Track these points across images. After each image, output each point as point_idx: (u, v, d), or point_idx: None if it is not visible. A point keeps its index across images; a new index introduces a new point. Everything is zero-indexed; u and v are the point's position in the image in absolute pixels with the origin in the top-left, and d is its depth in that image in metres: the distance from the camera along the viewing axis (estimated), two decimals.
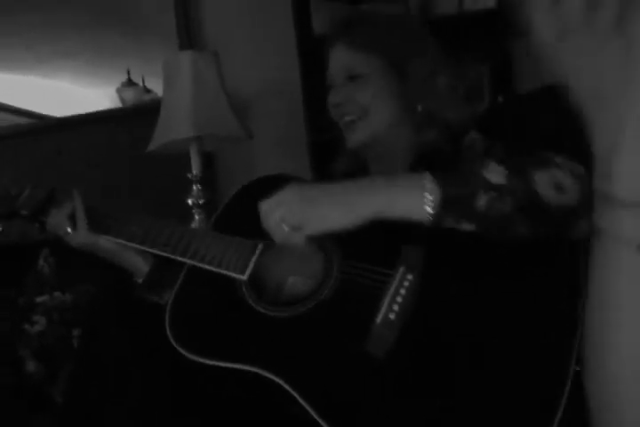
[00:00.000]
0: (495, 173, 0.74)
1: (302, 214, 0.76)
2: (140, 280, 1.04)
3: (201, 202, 1.68)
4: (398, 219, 0.75)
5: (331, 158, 1.17)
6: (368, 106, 0.99)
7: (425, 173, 0.75)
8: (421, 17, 1.86)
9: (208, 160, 1.91)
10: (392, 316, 0.79)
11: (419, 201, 0.73)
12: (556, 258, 0.79)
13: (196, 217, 1.68)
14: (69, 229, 1.01)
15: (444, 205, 0.73)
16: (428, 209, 0.73)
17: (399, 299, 0.80)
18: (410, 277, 0.81)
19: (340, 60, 1.02)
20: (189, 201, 1.68)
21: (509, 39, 1.89)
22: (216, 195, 1.83)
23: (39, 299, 1.55)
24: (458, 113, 1.01)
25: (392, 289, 0.81)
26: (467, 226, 0.75)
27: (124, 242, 0.99)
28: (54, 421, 1.14)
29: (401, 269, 0.82)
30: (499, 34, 1.86)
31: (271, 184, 0.97)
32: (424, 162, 0.99)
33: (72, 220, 1.01)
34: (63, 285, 1.62)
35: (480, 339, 0.76)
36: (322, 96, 1.11)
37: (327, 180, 1.16)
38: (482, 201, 0.73)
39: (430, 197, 0.73)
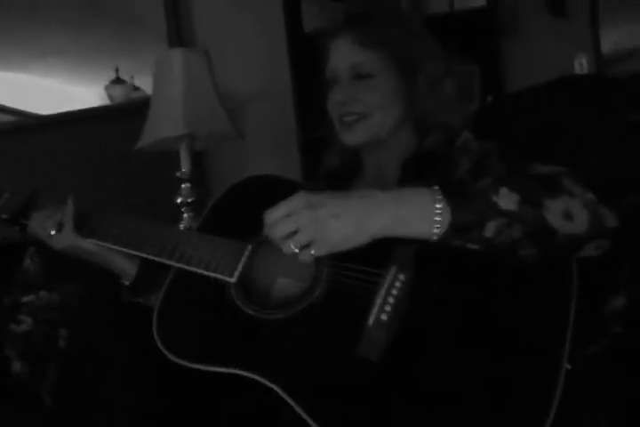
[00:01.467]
0: (507, 200, 0.73)
1: (312, 235, 0.73)
2: (127, 283, 1.02)
3: (189, 201, 1.66)
4: (404, 237, 0.75)
5: (321, 155, 1.15)
6: (374, 108, 0.95)
7: (437, 193, 0.73)
8: (418, 14, 1.86)
9: (198, 159, 1.90)
10: (384, 317, 0.78)
11: (428, 223, 0.73)
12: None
13: (185, 216, 1.66)
14: (53, 232, 0.99)
15: (453, 229, 0.73)
16: (436, 231, 0.73)
17: (391, 299, 0.79)
18: (402, 276, 0.80)
19: (347, 55, 0.97)
20: (178, 200, 1.67)
21: (498, 38, 1.90)
22: (205, 194, 1.82)
23: (25, 298, 1.52)
24: (457, 116, 0.99)
25: (384, 289, 0.79)
26: (473, 247, 0.75)
27: (109, 245, 0.97)
28: (43, 421, 1.13)
29: (392, 269, 0.80)
30: (488, 33, 1.87)
31: (260, 185, 0.96)
32: (417, 162, 0.98)
33: (56, 222, 0.99)
34: (50, 284, 1.60)
35: (474, 338, 0.76)
36: (312, 95, 1.09)
37: (318, 176, 1.15)
38: (491, 227, 0.73)
39: (440, 220, 0.73)
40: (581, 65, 1.85)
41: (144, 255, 0.94)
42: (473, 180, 0.89)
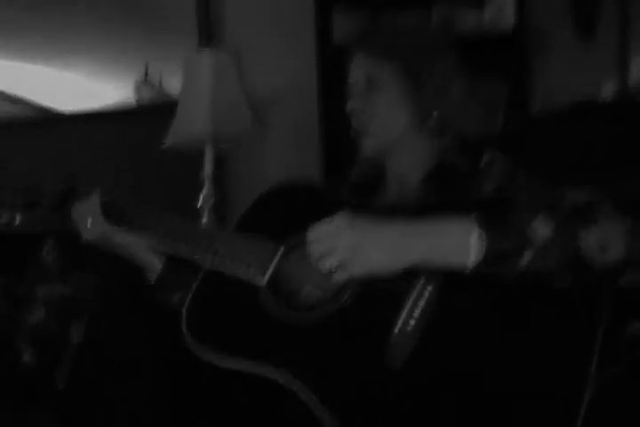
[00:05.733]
0: (542, 230, 0.74)
1: (348, 257, 0.77)
2: (152, 279, 1.03)
3: (211, 201, 1.67)
4: (440, 267, 0.77)
5: (343, 166, 1.17)
6: (379, 114, 1.01)
7: (473, 223, 0.75)
8: (442, 30, 1.88)
9: (218, 162, 1.91)
10: (410, 326, 0.79)
11: (464, 255, 0.75)
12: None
13: (205, 216, 1.68)
14: (88, 222, 1.00)
15: (489, 259, 0.75)
16: (472, 261, 0.75)
17: (418, 310, 0.80)
18: (429, 288, 0.81)
19: (359, 68, 1.04)
20: (199, 200, 1.68)
21: (527, 59, 1.92)
22: (225, 196, 1.83)
23: (39, 289, 1.54)
24: (472, 123, 1.03)
25: (411, 300, 0.80)
26: (508, 275, 0.76)
27: (146, 237, 0.99)
28: (54, 411, 1.14)
29: (421, 281, 0.81)
30: (516, 53, 1.89)
31: (295, 192, 0.98)
32: (439, 175, 1.00)
33: (89, 213, 1.01)
34: (64, 276, 1.61)
35: (495, 355, 0.76)
36: (337, 104, 1.12)
37: (342, 186, 1.17)
38: (526, 257, 0.74)
39: (475, 251, 0.74)
40: (607, 91, 1.85)
41: (179, 250, 0.96)
42: (498, 200, 0.90)
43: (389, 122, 1.01)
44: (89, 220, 1.00)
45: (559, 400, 0.73)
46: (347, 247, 0.76)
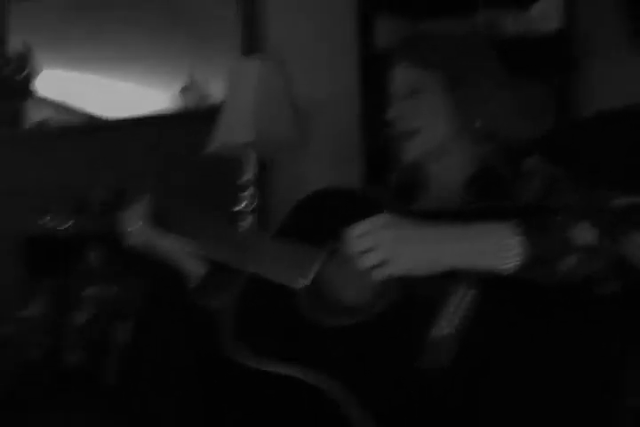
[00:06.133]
0: (585, 234, 0.74)
1: (389, 254, 0.77)
2: (194, 284, 1.05)
3: (251, 208, 1.69)
4: (479, 270, 0.77)
5: (384, 173, 1.17)
6: (420, 123, 1.02)
7: (515, 228, 0.74)
8: (485, 36, 1.87)
9: (260, 167, 1.92)
10: (451, 329, 0.79)
11: (503, 260, 0.74)
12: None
13: (246, 221, 1.69)
14: (130, 229, 1.03)
15: (527, 266, 0.74)
16: (511, 266, 0.74)
17: (459, 313, 0.80)
18: (471, 293, 0.81)
19: (401, 76, 1.05)
20: (240, 206, 1.70)
21: (573, 62, 1.87)
22: (264, 202, 1.84)
23: (86, 290, 1.58)
24: (517, 129, 1.02)
25: (453, 303, 0.80)
26: (548, 281, 0.76)
27: (189, 243, 1.01)
28: (98, 411, 1.17)
29: (463, 285, 0.81)
30: (563, 56, 1.85)
31: (336, 196, 0.99)
32: (480, 180, 1.00)
33: (136, 219, 1.04)
34: (109, 277, 1.65)
35: (532, 364, 0.75)
36: (378, 109, 1.13)
37: (383, 191, 1.17)
38: (567, 262, 0.74)
39: (517, 258, 0.74)
40: None
41: (221, 255, 0.97)
42: (541, 206, 0.89)
43: (431, 129, 1.02)
44: (136, 225, 1.03)
45: (593, 406, 0.72)
46: (389, 245, 0.76)
